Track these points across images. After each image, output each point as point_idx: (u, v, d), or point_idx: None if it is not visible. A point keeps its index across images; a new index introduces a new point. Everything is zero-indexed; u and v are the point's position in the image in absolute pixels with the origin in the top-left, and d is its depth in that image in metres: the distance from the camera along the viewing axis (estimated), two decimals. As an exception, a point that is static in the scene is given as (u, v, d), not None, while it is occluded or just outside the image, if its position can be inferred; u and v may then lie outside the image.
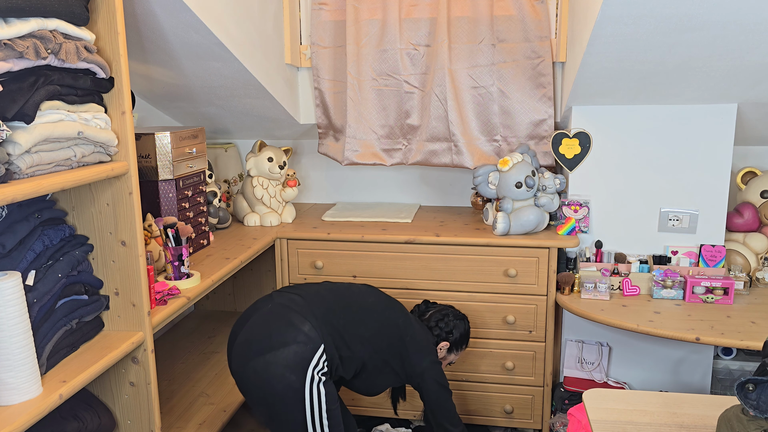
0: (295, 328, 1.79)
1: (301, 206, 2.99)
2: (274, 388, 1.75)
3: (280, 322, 1.81)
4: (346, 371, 1.91)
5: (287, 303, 1.86)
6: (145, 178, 2.07)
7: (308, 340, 1.78)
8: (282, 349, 1.75)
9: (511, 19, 2.42)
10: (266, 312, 1.85)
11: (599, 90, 2.23)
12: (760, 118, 2.33)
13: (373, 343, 1.92)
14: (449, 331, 2.11)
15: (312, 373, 1.77)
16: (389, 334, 1.95)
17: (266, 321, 1.82)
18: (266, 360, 1.75)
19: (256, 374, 1.77)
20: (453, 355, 2.17)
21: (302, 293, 1.91)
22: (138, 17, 1.91)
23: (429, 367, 1.98)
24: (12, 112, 1.21)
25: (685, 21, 1.75)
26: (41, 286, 1.37)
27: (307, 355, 1.77)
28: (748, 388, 1.08)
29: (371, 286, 2.09)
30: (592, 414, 1.42)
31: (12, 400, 1.26)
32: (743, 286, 2.32)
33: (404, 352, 1.96)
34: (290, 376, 1.74)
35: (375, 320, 1.94)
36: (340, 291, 1.99)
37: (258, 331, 1.82)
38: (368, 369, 1.94)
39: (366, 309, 1.96)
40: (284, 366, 1.74)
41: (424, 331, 2.06)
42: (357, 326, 1.90)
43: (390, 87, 2.59)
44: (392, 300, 2.06)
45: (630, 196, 2.41)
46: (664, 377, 2.51)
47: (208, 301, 3.02)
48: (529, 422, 2.52)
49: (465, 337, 2.17)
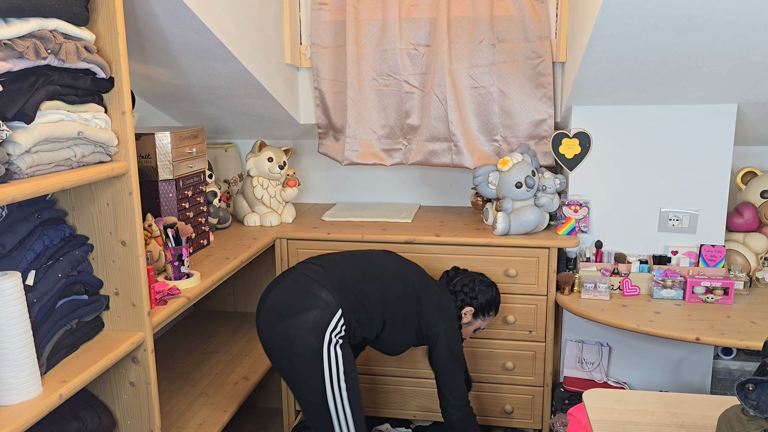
0: (314, 295, 1.92)
1: (301, 206, 2.99)
2: (294, 350, 1.88)
3: (301, 290, 1.95)
4: (367, 332, 2.03)
5: (308, 273, 1.98)
6: (145, 178, 2.07)
7: (326, 305, 1.91)
8: (302, 314, 1.89)
9: (511, 19, 2.42)
10: (289, 281, 1.98)
11: (599, 90, 2.23)
12: (760, 118, 2.33)
13: (391, 304, 2.02)
14: (474, 296, 2.15)
15: (329, 335, 1.89)
16: (407, 296, 2.05)
17: (289, 289, 1.96)
18: (288, 324, 1.89)
19: (278, 337, 1.91)
20: (480, 321, 2.20)
21: (322, 263, 2.04)
22: (138, 17, 1.91)
23: (444, 330, 2.06)
24: (12, 112, 1.21)
25: (685, 21, 1.75)
26: (41, 286, 1.37)
27: (325, 319, 1.89)
28: (748, 388, 1.08)
29: (390, 252, 2.20)
30: (592, 414, 1.42)
31: (12, 400, 1.26)
32: (743, 286, 2.32)
33: (421, 313, 2.05)
34: (309, 338, 1.87)
35: (392, 283, 2.05)
36: (357, 258, 2.11)
37: (281, 298, 1.96)
38: (388, 329, 2.05)
39: (383, 273, 2.07)
40: (304, 329, 1.87)
41: (445, 295, 2.13)
42: (374, 289, 2.01)
43: (390, 87, 2.59)
44: (411, 263, 2.15)
45: (630, 196, 2.41)
46: (664, 377, 2.51)
47: (208, 301, 3.02)
48: (529, 422, 2.52)
49: (491, 304, 2.18)
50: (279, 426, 2.77)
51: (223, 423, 2.08)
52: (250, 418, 2.86)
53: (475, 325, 2.20)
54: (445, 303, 2.10)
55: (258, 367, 2.43)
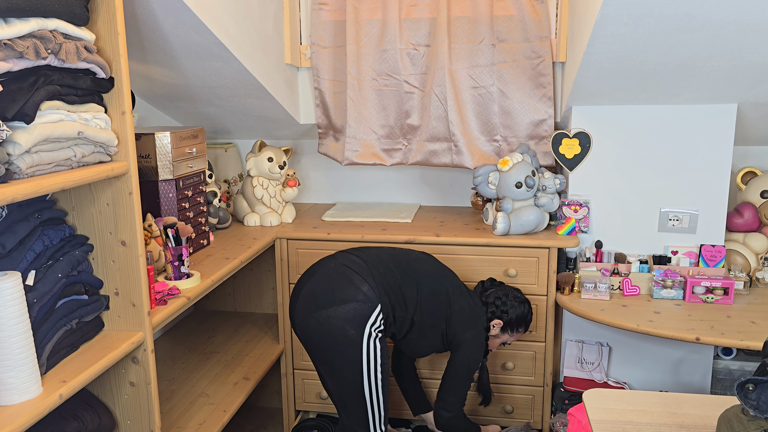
0: (356, 288, 1.95)
1: (301, 206, 2.99)
2: (335, 340, 1.92)
3: (342, 280, 1.97)
4: (398, 330, 2.06)
5: (349, 264, 2.01)
6: (145, 178, 2.07)
7: (366, 299, 1.94)
8: (343, 305, 1.92)
9: (511, 19, 2.42)
10: (330, 269, 2.01)
11: (599, 90, 2.23)
12: (760, 118, 2.33)
13: (423, 306, 2.04)
14: (504, 310, 2.15)
15: (369, 329, 1.93)
16: (439, 300, 2.06)
17: (330, 278, 1.98)
18: (328, 314, 1.92)
19: (319, 325, 1.93)
20: (507, 335, 2.20)
21: (363, 256, 2.06)
22: (138, 17, 1.91)
23: (468, 340, 2.08)
24: (12, 112, 1.21)
25: (685, 21, 1.75)
26: (41, 286, 1.37)
27: (365, 312, 1.93)
28: (748, 388, 1.08)
29: (429, 254, 2.22)
30: (592, 414, 1.42)
31: (12, 400, 1.26)
32: (743, 286, 2.32)
33: (450, 320, 2.07)
34: (350, 330, 1.91)
35: (427, 285, 2.06)
36: (398, 255, 2.12)
37: (322, 285, 1.98)
38: (416, 330, 2.07)
39: (420, 274, 2.08)
40: (345, 320, 1.91)
41: (476, 305, 2.13)
42: (410, 289, 2.04)
43: (390, 87, 2.59)
44: (447, 270, 2.17)
45: (630, 196, 2.41)
46: (664, 377, 2.51)
47: (208, 301, 3.02)
48: (529, 422, 2.51)
49: (522, 320, 2.18)
50: (279, 426, 2.77)
51: (223, 423, 2.08)
52: (250, 418, 2.86)
53: (502, 338, 2.20)
54: (475, 313, 2.11)
55: (258, 367, 2.43)
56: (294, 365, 2.61)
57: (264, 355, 2.52)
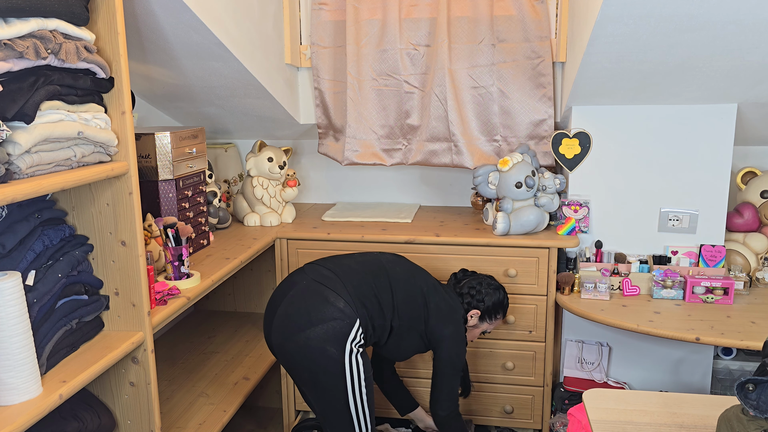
0: (331, 305, 1.90)
1: (301, 206, 2.99)
2: (316, 361, 1.88)
3: (316, 298, 1.93)
4: (379, 337, 2.04)
5: (321, 280, 1.97)
6: (145, 178, 2.07)
7: (344, 316, 1.90)
8: (321, 325, 1.87)
9: (511, 19, 2.42)
10: (303, 288, 1.96)
11: (599, 90, 2.23)
12: (760, 118, 2.33)
13: (399, 309, 2.02)
14: (480, 299, 2.14)
15: (350, 346, 1.89)
16: (414, 302, 2.05)
17: (303, 297, 1.94)
18: (307, 335, 1.87)
19: (298, 348, 1.89)
20: (486, 324, 2.19)
21: (335, 268, 2.02)
22: (138, 17, 1.91)
23: (449, 336, 2.07)
24: (12, 112, 1.21)
25: (685, 21, 1.75)
26: (41, 286, 1.37)
27: (345, 330, 1.89)
28: (748, 388, 1.08)
29: (399, 256, 2.18)
30: (592, 414, 1.42)
31: (12, 400, 1.26)
32: (743, 286, 2.32)
33: (427, 319, 2.05)
34: (331, 349, 1.87)
35: (401, 288, 2.04)
36: (369, 263, 2.09)
37: (296, 307, 1.93)
38: (395, 334, 2.05)
39: (393, 278, 2.05)
40: (324, 340, 1.87)
41: (452, 299, 2.12)
42: (385, 295, 2.01)
43: (390, 87, 2.59)
44: (418, 269, 2.14)
45: (630, 196, 2.41)
46: (664, 377, 2.51)
47: (208, 301, 3.02)
48: (529, 422, 2.52)
49: (498, 306, 2.17)
50: (279, 426, 2.77)
51: (223, 423, 2.08)
52: (250, 418, 2.86)
53: (481, 328, 2.20)
54: (451, 308, 2.09)
55: (258, 367, 2.43)
56: (294, 365, 2.61)
57: (264, 355, 2.52)
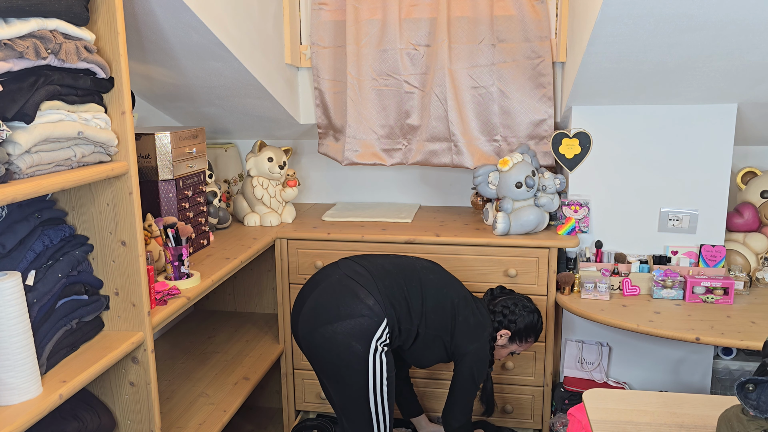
0: (361, 302, 1.92)
1: (301, 206, 2.99)
2: (340, 355, 1.90)
3: (347, 293, 1.94)
4: (404, 341, 2.04)
5: (353, 275, 1.98)
6: (145, 178, 2.07)
7: (372, 314, 1.91)
8: (348, 320, 1.89)
9: (511, 19, 2.42)
10: (334, 281, 1.98)
11: (599, 90, 2.23)
12: (760, 118, 2.33)
13: (427, 317, 2.02)
14: (513, 320, 2.11)
15: (375, 344, 1.91)
16: (443, 312, 2.04)
17: (334, 290, 1.95)
18: (334, 329, 1.89)
19: (324, 340, 1.91)
20: (516, 346, 2.17)
21: (368, 266, 2.03)
22: (138, 17, 1.91)
23: (472, 352, 2.06)
24: (12, 112, 1.21)
25: (685, 21, 1.75)
26: (41, 286, 1.37)
27: (372, 327, 1.90)
28: (748, 388, 1.08)
29: (435, 263, 2.18)
30: (592, 414, 1.42)
31: (12, 400, 1.26)
32: (743, 286, 2.32)
33: (453, 332, 2.05)
34: (356, 345, 1.89)
35: (432, 296, 2.04)
36: (403, 265, 2.09)
37: (326, 299, 1.95)
38: (420, 341, 2.05)
39: (426, 284, 2.05)
40: (350, 335, 1.89)
41: (482, 315, 2.10)
42: (416, 300, 2.02)
43: (390, 87, 2.59)
44: (453, 279, 2.14)
45: (630, 196, 2.41)
46: (664, 377, 2.51)
47: (208, 301, 3.02)
48: (529, 422, 2.52)
49: (531, 330, 2.14)
50: (279, 426, 2.77)
51: (223, 423, 2.08)
52: (250, 418, 2.86)
53: (510, 348, 2.17)
54: (480, 324, 2.08)
55: (258, 367, 2.43)
56: (294, 365, 2.61)
57: (264, 355, 2.52)
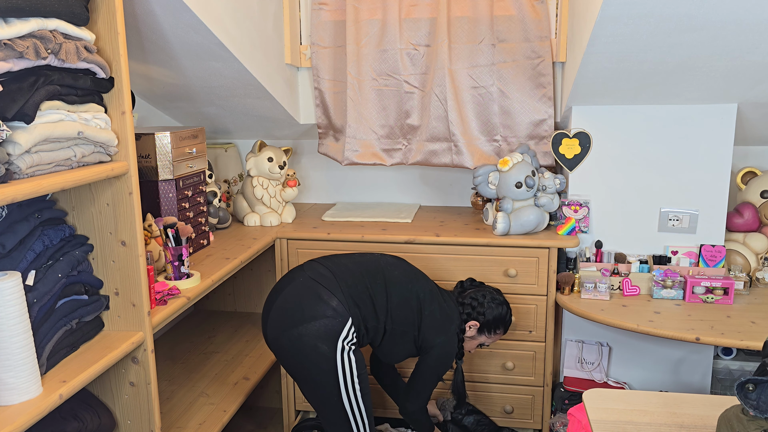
0: (324, 303, 1.92)
1: (301, 206, 2.99)
2: (308, 357, 1.90)
3: (311, 295, 1.95)
4: (372, 339, 2.05)
5: (317, 277, 1.98)
6: (145, 178, 2.07)
7: (336, 314, 1.92)
8: (313, 322, 1.90)
9: (511, 19, 2.42)
10: (298, 284, 1.98)
11: (599, 90, 2.23)
12: (760, 118, 2.33)
13: (393, 313, 2.03)
14: (481, 312, 2.12)
15: (342, 344, 1.91)
16: (408, 307, 2.05)
17: (298, 293, 1.96)
18: (299, 332, 1.90)
19: (291, 343, 1.92)
20: (484, 337, 2.18)
21: (332, 267, 2.03)
22: (138, 17, 1.91)
23: (439, 345, 2.07)
24: (12, 112, 1.21)
25: (685, 21, 1.75)
26: (41, 286, 1.37)
27: (336, 328, 1.91)
28: (748, 388, 1.08)
29: (400, 259, 2.17)
30: (592, 414, 1.42)
31: (12, 400, 1.26)
32: (743, 286, 2.32)
33: (420, 326, 2.05)
34: (322, 346, 1.89)
35: (397, 292, 2.04)
36: (367, 264, 2.09)
37: (291, 303, 1.96)
38: (388, 337, 2.06)
39: (390, 281, 2.05)
40: (316, 337, 1.89)
41: (449, 308, 2.11)
42: (380, 297, 2.02)
43: (390, 87, 2.59)
44: (419, 273, 2.13)
45: (630, 196, 2.41)
46: (664, 377, 2.51)
47: (208, 301, 3.02)
48: (529, 422, 2.52)
49: (499, 322, 2.15)
50: (279, 426, 2.77)
51: (223, 423, 2.08)
52: (250, 418, 2.86)
53: (479, 340, 2.19)
54: (447, 317, 2.09)
55: (258, 367, 2.43)
56: (294, 365, 2.61)
57: (264, 355, 2.52)
